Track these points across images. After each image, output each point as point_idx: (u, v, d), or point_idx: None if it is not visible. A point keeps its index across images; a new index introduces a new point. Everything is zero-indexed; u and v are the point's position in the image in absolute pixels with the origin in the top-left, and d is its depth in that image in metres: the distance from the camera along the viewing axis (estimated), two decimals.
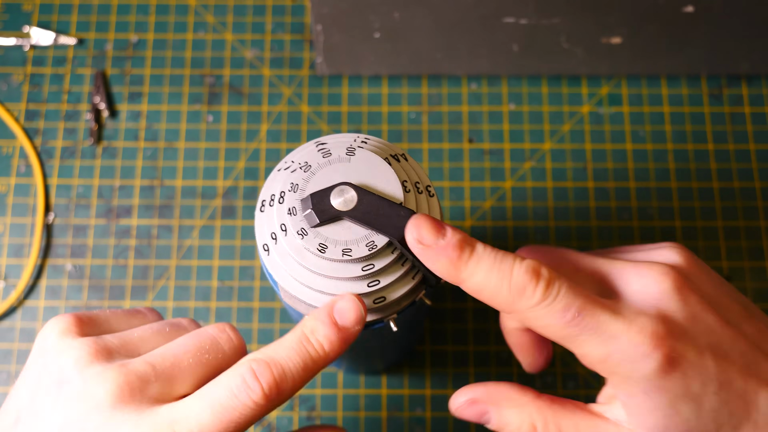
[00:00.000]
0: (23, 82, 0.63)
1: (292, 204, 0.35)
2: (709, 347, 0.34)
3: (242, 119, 0.62)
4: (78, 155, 0.61)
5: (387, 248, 0.34)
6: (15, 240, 0.59)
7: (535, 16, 0.57)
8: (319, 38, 0.59)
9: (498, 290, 0.33)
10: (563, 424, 0.36)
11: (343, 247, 0.34)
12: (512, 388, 0.36)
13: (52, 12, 0.64)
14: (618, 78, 0.63)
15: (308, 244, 0.34)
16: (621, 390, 0.34)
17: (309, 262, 0.34)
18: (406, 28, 0.58)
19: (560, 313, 0.33)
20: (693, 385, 0.33)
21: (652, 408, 0.33)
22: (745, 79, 0.63)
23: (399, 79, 0.63)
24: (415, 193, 0.36)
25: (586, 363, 0.34)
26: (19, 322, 0.57)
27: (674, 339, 0.33)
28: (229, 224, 0.59)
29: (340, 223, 0.34)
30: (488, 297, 0.34)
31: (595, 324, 0.33)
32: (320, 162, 0.35)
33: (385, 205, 0.34)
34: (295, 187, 0.35)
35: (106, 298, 0.58)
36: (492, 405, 0.36)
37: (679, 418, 0.33)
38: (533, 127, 0.62)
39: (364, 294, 0.35)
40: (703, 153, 0.61)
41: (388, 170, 0.35)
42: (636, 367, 0.33)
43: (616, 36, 0.59)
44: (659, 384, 0.33)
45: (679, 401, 0.33)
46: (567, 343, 0.34)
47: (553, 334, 0.34)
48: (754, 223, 0.59)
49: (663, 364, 0.33)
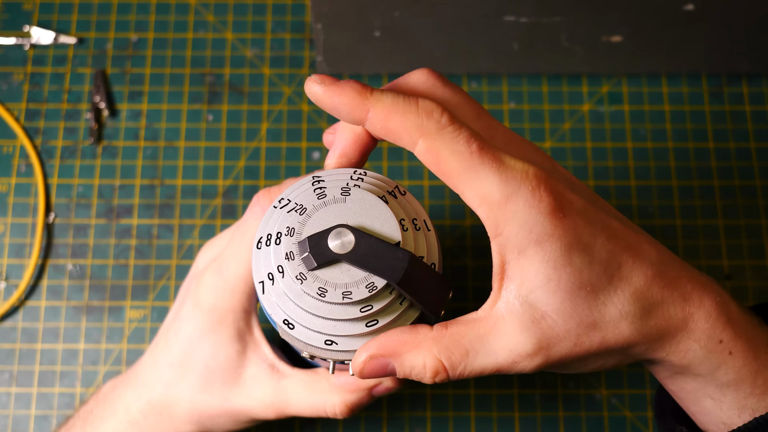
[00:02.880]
0: (23, 82, 0.63)
1: (289, 248, 0.34)
2: (589, 200, 0.35)
3: (242, 118, 0.62)
4: (78, 155, 0.61)
5: (385, 289, 0.34)
6: (16, 240, 0.59)
7: (535, 14, 0.57)
8: (320, 37, 0.59)
9: (407, 111, 0.33)
10: (463, 344, 0.34)
11: (343, 290, 0.34)
12: (403, 331, 0.35)
13: (52, 11, 0.64)
14: (618, 76, 0.63)
15: (308, 289, 0.34)
16: (512, 243, 0.33)
17: (308, 305, 0.34)
18: (407, 27, 0.58)
19: (465, 142, 0.33)
20: (583, 234, 0.33)
21: (544, 260, 0.33)
22: (745, 77, 0.63)
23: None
24: (412, 231, 0.36)
25: (483, 207, 0.33)
26: (21, 322, 0.57)
27: (561, 185, 0.34)
28: (229, 223, 0.59)
29: (338, 264, 0.34)
30: (396, 120, 0.33)
31: (498, 159, 0.33)
32: (315, 204, 0.35)
33: (383, 246, 0.34)
34: (291, 230, 0.35)
35: (107, 297, 0.58)
36: (390, 356, 0.35)
37: (571, 269, 0.33)
38: (534, 125, 0.62)
39: (362, 334, 0.35)
40: (703, 151, 0.61)
41: (384, 210, 0.35)
42: (530, 211, 0.32)
43: (617, 34, 0.59)
44: (552, 232, 0.32)
45: (571, 250, 0.33)
46: (467, 180, 0.33)
47: (455, 165, 0.33)
48: (754, 221, 0.59)
49: (554, 208, 0.33)
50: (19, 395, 0.56)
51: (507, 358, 0.33)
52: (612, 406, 0.56)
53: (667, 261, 0.35)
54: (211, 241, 0.48)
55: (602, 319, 0.33)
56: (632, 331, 0.34)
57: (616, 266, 0.34)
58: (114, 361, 0.56)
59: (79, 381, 0.56)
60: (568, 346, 0.33)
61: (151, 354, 0.47)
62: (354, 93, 0.34)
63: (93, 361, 0.56)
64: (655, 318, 0.34)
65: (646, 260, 0.34)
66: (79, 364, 0.56)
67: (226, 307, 0.44)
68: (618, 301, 0.33)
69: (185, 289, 0.47)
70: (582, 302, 0.33)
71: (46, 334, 0.57)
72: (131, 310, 0.58)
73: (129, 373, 0.48)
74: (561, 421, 0.56)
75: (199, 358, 0.45)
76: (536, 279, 0.33)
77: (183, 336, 0.45)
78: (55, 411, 0.55)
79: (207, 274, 0.45)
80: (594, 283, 0.33)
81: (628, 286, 0.34)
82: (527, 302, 0.33)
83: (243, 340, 0.45)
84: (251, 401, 0.45)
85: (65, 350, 0.57)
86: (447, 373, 0.34)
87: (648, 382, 0.56)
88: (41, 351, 0.57)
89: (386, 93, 0.34)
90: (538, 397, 0.56)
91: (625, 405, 0.56)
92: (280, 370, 0.45)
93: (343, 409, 0.44)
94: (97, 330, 0.57)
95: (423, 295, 0.35)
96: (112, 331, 0.57)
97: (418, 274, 0.34)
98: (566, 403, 0.56)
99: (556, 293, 0.33)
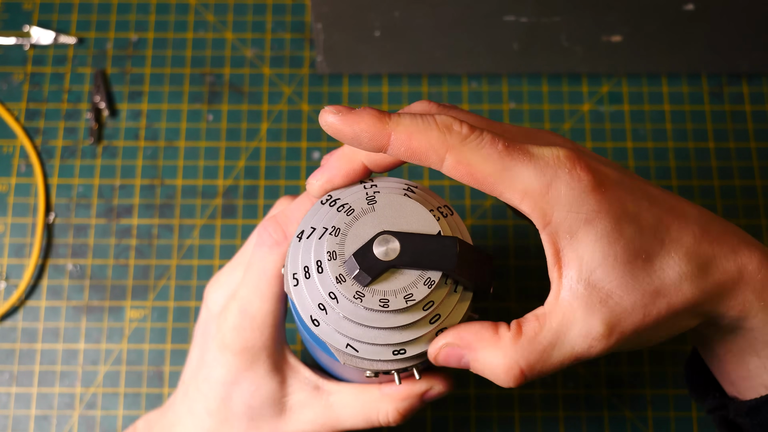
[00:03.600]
0: (23, 82, 0.63)
1: (336, 272, 0.34)
2: (621, 171, 0.35)
3: (242, 118, 0.62)
4: (78, 155, 0.61)
5: (442, 280, 0.34)
6: (16, 240, 0.59)
7: (535, 14, 0.57)
8: (320, 37, 0.59)
9: (428, 129, 0.33)
10: (540, 341, 0.34)
11: (404, 294, 0.34)
12: (483, 327, 0.35)
13: (52, 11, 0.64)
14: (618, 76, 0.63)
15: (369, 304, 0.33)
16: (563, 228, 0.33)
17: (372, 320, 0.34)
18: (407, 27, 0.58)
19: (491, 144, 0.33)
20: (627, 204, 0.33)
21: (597, 236, 0.33)
22: (745, 77, 0.63)
23: (399, 78, 0.63)
24: (442, 218, 0.36)
25: (527, 201, 0.33)
26: (21, 322, 0.57)
27: (593, 161, 0.34)
28: (229, 223, 0.59)
29: (387, 271, 0.34)
30: (419, 140, 0.33)
31: (527, 152, 0.33)
32: (347, 221, 0.35)
33: (429, 240, 0.34)
34: (333, 254, 0.34)
35: (107, 297, 0.58)
36: (466, 348, 0.35)
37: (625, 240, 0.33)
38: (534, 125, 0.62)
39: (428, 333, 0.35)
40: (703, 151, 0.61)
41: (415, 205, 0.35)
42: (573, 192, 0.33)
43: (617, 34, 0.59)
44: (598, 207, 0.33)
45: (620, 222, 0.33)
46: (503, 179, 0.33)
47: (489, 168, 0.33)
48: (754, 221, 0.59)
49: (595, 184, 0.33)
50: (19, 395, 0.56)
51: (583, 345, 0.34)
52: (612, 406, 0.56)
53: (709, 218, 0.35)
54: (215, 279, 0.46)
55: (663, 284, 0.34)
56: (694, 290, 0.34)
57: (665, 229, 0.34)
58: (114, 361, 0.57)
59: (79, 381, 0.56)
60: (638, 318, 0.33)
61: (183, 402, 0.45)
62: (373, 119, 0.33)
63: (93, 361, 0.56)
64: (711, 274, 0.34)
65: (691, 219, 0.35)
66: (79, 364, 0.56)
67: (258, 345, 0.43)
68: (674, 263, 0.34)
69: (202, 334, 0.46)
70: (641, 271, 0.33)
71: (46, 334, 0.57)
72: (131, 310, 0.58)
73: (164, 422, 0.47)
74: (561, 421, 0.56)
75: (240, 400, 0.43)
76: (594, 258, 0.33)
77: (215, 381, 0.43)
78: (55, 411, 0.55)
79: (229, 315, 0.43)
80: (648, 250, 0.33)
81: (680, 246, 0.34)
82: (590, 284, 0.33)
83: (281, 370, 0.44)
84: (302, 425, 0.44)
85: (65, 350, 0.57)
86: (524, 375, 0.34)
87: (648, 382, 0.56)
88: (41, 351, 0.57)
89: (404, 115, 0.34)
90: (538, 397, 0.56)
91: (626, 405, 0.56)
92: (326, 389, 0.44)
93: (395, 416, 0.43)
94: (97, 330, 0.57)
95: (475, 274, 0.35)
96: (112, 331, 0.57)
97: (466, 255, 0.34)
98: (566, 403, 0.56)
99: (615, 267, 0.33)
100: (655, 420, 0.55)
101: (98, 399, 0.56)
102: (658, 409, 0.56)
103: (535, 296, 0.57)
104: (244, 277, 0.43)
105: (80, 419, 0.55)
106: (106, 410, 0.56)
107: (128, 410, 0.56)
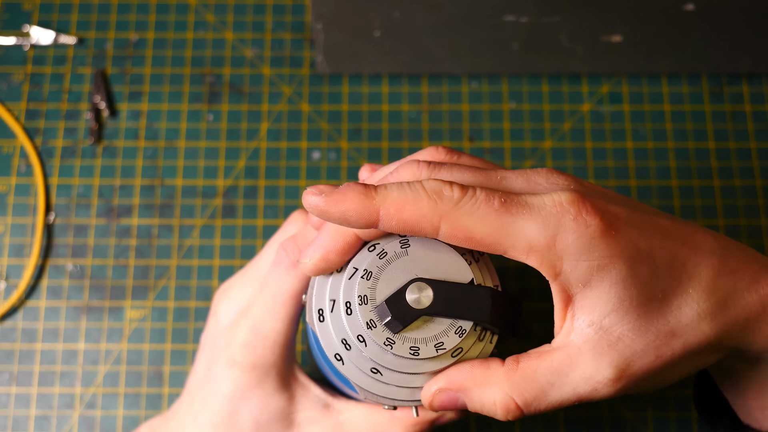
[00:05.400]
0: (23, 82, 0.63)
1: (367, 317, 0.33)
2: (628, 206, 0.33)
3: (242, 118, 0.62)
4: (78, 155, 0.61)
5: (473, 328, 0.34)
6: (16, 240, 0.59)
7: (535, 14, 0.57)
8: (320, 37, 0.59)
9: (417, 199, 0.32)
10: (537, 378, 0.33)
11: (434, 342, 0.33)
12: (473, 365, 0.34)
13: (52, 11, 0.64)
14: (618, 76, 0.63)
15: (399, 351, 0.33)
16: (574, 278, 0.32)
17: (400, 366, 0.34)
18: (407, 27, 0.58)
19: (486, 203, 0.31)
20: (640, 243, 0.32)
21: (611, 283, 0.31)
22: (745, 77, 0.63)
23: (399, 78, 0.63)
24: (474, 263, 0.35)
25: (534, 255, 0.32)
26: (21, 322, 0.57)
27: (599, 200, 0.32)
28: (229, 223, 0.59)
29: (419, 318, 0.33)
30: (409, 211, 0.32)
31: (525, 205, 0.31)
32: (379, 265, 0.34)
33: (462, 290, 0.33)
34: (365, 298, 0.33)
35: (107, 297, 0.58)
36: (460, 391, 0.34)
37: (640, 282, 0.32)
38: (534, 125, 0.62)
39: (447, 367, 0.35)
40: (703, 151, 0.61)
41: (449, 251, 0.34)
42: (582, 240, 0.31)
43: (617, 34, 0.59)
44: (610, 253, 0.31)
45: (634, 264, 0.31)
46: (505, 237, 0.32)
47: (487, 229, 0.31)
48: (755, 221, 0.59)
49: (603, 228, 0.31)
50: (19, 395, 0.56)
51: (586, 387, 0.32)
52: (612, 406, 0.56)
53: (726, 246, 0.34)
54: (225, 291, 0.45)
55: (680, 323, 0.32)
56: (713, 328, 0.32)
57: (680, 265, 0.32)
58: (114, 361, 0.56)
59: (79, 381, 0.56)
60: (649, 360, 0.32)
61: (188, 412, 0.45)
62: (359, 196, 0.32)
63: (93, 361, 0.56)
64: (732, 308, 0.33)
65: (707, 250, 0.33)
66: (79, 364, 0.56)
67: (269, 363, 0.42)
68: (692, 301, 0.32)
69: (210, 346, 0.45)
70: (656, 312, 0.32)
71: (46, 334, 0.57)
72: (131, 310, 0.58)
73: (167, 430, 0.46)
74: (561, 421, 0.56)
75: (247, 416, 0.43)
76: (608, 304, 0.32)
77: (222, 395, 0.43)
78: (55, 411, 0.55)
79: (239, 332, 0.43)
80: (664, 289, 0.32)
81: (698, 282, 0.32)
82: (601, 328, 0.32)
83: (290, 387, 0.43)
84: None
85: (65, 350, 0.57)
86: (520, 410, 0.33)
87: None
88: (41, 351, 0.57)
89: (391, 187, 0.32)
90: None
91: (626, 405, 0.56)
92: (336, 408, 0.44)
93: None
94: (97, 330, 0.57)
95: (505, 321, 0.34)
96: (112, 331, 0.57)
97: (498, 304, 0.34)
98: None
99: (629, 312, 0.32)
100: (655, 420, 0.55)
101: (98, 399, 0.56)
102: (658, 410, 0.56)
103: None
104: (259, 295, 0.42)
105: (80, 419, 0.55)
106: (106, 410, 0.56)
107: (128, 410, 0.56)
